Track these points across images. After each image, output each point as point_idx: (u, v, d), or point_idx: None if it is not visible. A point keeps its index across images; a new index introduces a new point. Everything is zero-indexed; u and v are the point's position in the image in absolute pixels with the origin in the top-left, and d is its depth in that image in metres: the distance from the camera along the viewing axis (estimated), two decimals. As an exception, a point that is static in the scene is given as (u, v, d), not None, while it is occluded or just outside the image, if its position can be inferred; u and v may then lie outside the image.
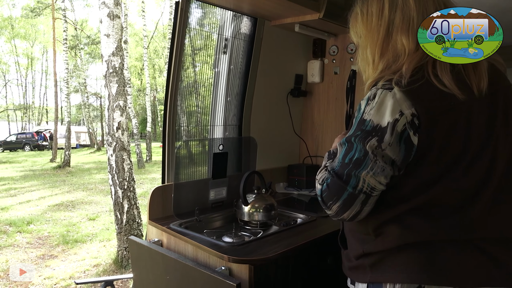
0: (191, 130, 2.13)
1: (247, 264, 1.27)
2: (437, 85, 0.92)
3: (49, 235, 5.43)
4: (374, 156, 0.93)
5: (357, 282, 1.07)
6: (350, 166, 0.95)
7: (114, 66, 4.27)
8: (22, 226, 5.75)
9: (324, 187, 1.00)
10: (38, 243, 5.11)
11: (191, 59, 2.12)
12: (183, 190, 1.78)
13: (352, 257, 1.08)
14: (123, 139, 4.27)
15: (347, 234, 1.13)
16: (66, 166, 12.89)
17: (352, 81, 2.27)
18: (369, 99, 0.95)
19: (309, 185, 2.35)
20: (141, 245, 1.62)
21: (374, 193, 0.95)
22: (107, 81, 4.29)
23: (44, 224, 6.03)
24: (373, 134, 0.93)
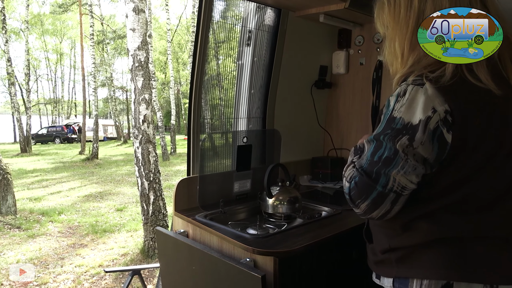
0: (214, 122, 2.14)
1: (272, 256, 1.27)
2: (472, 80, 0.88)
3: (79, 225, 5.63)
4: (405, 155, 0.90)
5: (382, 276, 1.06)
6: (379, 165, 0.92)
7: (139, 60, 4.34)
8: (54, 216, 5.97)
9: (352, 185, 0.97)
10: (68, 232, 5.30)
11: (214, 52, 2.12)
12: (208, 182, 1.80)
13: (378, 252, 1.07)
14: (148, 131, 4.35)
15: (372, 228, 1.12)
16: (94, 158, 13.27)
17: (378, 72, 2.22)
18: (399, 96, 0.92)
19: (334, 178, 2.33)
20: (167, 235, 1.65)
21: (404, 192, 0.93)
22: (133, 75, 4.37)
23: (74, 214, 6.24)
24: (404, 132, 0.90)
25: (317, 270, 1.43)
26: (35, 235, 5.10)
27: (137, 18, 4.34)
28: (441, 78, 0.89)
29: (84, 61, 16.68)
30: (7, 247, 4.64)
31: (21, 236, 5.06)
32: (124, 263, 4.15)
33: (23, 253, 4.45)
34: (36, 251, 4.51)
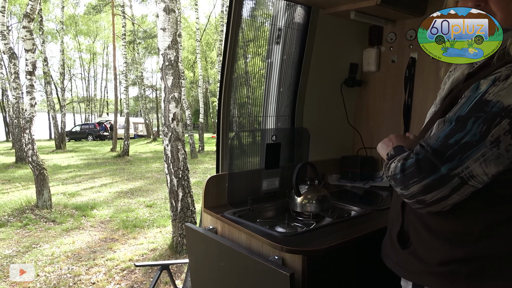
0: (242, 121, 2.15)
1: (301, 255, 1.27)
2: None
3: (110, 220, 5.80)
4: (495, 142, 0.81)
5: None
6: (455, 148, 0.83)
7: (169, 59, 4.42)
8: (87, 211, 6.18)
9: (410, 162, 0.87)
10: (100, 227, 5.47)
11: (243, 51, 2.13)
12: (237, 180, 1.81)
13: (431, 260, 0.96)
14: (178, 129, 4.42)
15: (420, 230, 1.00)
16: (125, 155, 13.64)
17: (411, 70, 2.17)
18: (497, 80, 0.83)
19: (363, 177, 2.29)
20: (196, 232, 1.68)
21: (471, 182, 0.83)
22: (163, 74, 4.45)
23: (106, 209, 6.43)
24: (503, 115, 0.80)
25: (346, 270, 1.41)
26: (69, 229, 5.30)
27: (167, 18, 4.41)
28: None
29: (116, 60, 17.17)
30: (43, 239, 4.84)
31: (55, 229, 5.27)
32: (153, 258, 4.24)
33: (58, 245, 4.62)
34: (70, 244, 4.69)
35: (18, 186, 8.25)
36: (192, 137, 13.50)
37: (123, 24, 14.39)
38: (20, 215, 5.71)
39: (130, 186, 8.48)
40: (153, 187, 8.43)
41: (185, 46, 24.54)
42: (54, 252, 4.40)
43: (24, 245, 4.62)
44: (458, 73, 1.02)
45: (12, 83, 9.03)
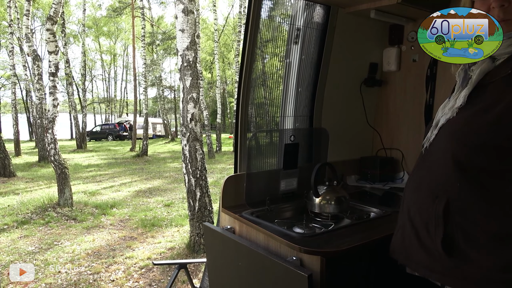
0: (259, 121, 2.15)
1: (319, 256, 1.26)
2: None
3: (129, 218, 5.88)
4: None
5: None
6: None
7: (188, 60, 4.45)
8: (106, 209, 6.29)
9: None
10: (120, 225, 5.56)
11: (260, 51, 2.13)
12: (255, 180, 1.81)
13: (492, 267, 0.91)
14: (196, 130, 4.46)
15: (472, 234, 0.93)
16: (144, 155, 13.84)
17: (432, 69, 2.12)
18: None
19: (383, 179, 2.26)
20: (215, 231, 1.68)
21: None
22: (182, 75, 4.49)
23: (125, 208, 6.54)
24: None
25: (365, 273, 1.39)
26: (89, 227, 5.40)
27: (186, 19, 4.45)
28: None
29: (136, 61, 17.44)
30: (64, 237, 4.95)
31: (76, 227, 5.38)
32: (171, 257, 4.28)
33: (78, 243, 4.72)
34: (90, 242, 4.78)
35: (41, 184, 8.46)
36: (210, 137, 13.60)
37: (142, 26, 14.61)
38: (43, 213, 5.86)
39: (148, 186, 8.59)
40: (171, 186, 8.52)
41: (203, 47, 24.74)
42: (74, 250, 4.49)
43: (46, 242, 4.73)
44: (484, 66, 0.98)
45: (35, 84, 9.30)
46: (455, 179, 0.97)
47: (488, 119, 0.92)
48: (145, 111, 15.26)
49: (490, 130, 0.91)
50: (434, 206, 1.00)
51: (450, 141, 1.00)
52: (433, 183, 1.02)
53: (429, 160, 1.07)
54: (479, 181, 0.94)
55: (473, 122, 0.95)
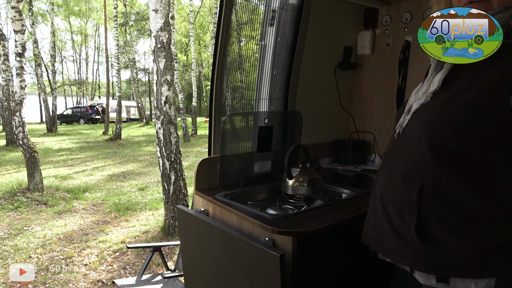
0: (235, 105, 2.13)
1: (291, 236, 1.27)
2: None
3: (103, 203, 5.79)
4: None
5: (471, 278, 0.92)
6: None
7: (162, 41, 4.34)
8: (79, 194, 6.16)
9: None
10: (92, 210, 5.46)
11: (237, 34, 2.09)
12: (229, 163, 1.81)
13: (464, 251, 0.92)
14: (170, 113, 4.39)
15: (446, 219, 0.94)
16: (117, 138, 13.57)
17: (405, 53, 2.16)
18: None
19: (355, 161, 2.30)
20: (188, 214, 1.68)
21: None
22: (156, 56, 4.38)
23: (98, 192, 6.42)
24: None
25: (336, 252, 1.42)
26: (61, 212, 5.28)
27: (159, -1, 4.32)
28: None
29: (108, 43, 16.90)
30: (35, 222, 4.82)
31: (47, 212, 5.25)
32: (145, 240, 4.26)
33: (50, 228, 4.61)
34: (61, 227, 4.68)
35: (9, 169, 8.17)
36: (185, 121, 13.44)
37: (114, 6, 14.10)
38: (12, 198, 5.68)
39: (122, 169, 8.45)
40: (145, 170, 8.42)
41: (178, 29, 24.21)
42: (46, 234, 4.39)
43: (16, 227, 4.60)
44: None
45: (1, 65, 8.86)
46: (430, 164, 0.96)
47: (464, 103, 0.91)
48: (118, 93, 14.88)
49: (466, 114, 0.91)
50: (408, 192, 0.99)
51: (425, 126, 0.98)
52: (407, 169, 1.01)
53: (402, 145, 1.06)
54: (454, 165, 0.93)
55: (448, 106, 0.94)
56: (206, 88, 26.92)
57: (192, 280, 1.77)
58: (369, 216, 1.16)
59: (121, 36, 20.14)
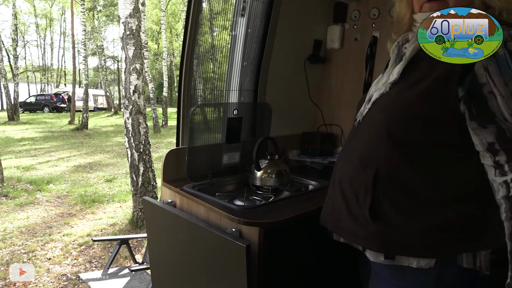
0: (207, 96, 2.12)
1: (257, 227, 1.28)
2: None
3: (68, 195, 5.62)
4: None
5: (417, 257, 1.00)
6: None
7: (131, 28, 4.23)
8: (42, 185, 5.94)
9: None
10: (57, 202, 5.29)
11: (209, 24, 2.07)
12: (197, 154, 1.79)
13: (412, 230, 0.99)
14: (139, 102, 4.29)
15: (399, 201, 1.00)
16: (84, 128, 13.15)
17: (372, 48, 2.20)
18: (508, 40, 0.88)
19: (323, 153, 2.34)
20: (155, 205, 1.65)
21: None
22: (124, 44, 4.27)
23: (63, 184, 6.22)
24: None
25: (302, 242, 1.45)
26: (23, 204, 5.09)
27: (128, -16, 4.20)
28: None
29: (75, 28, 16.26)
30: (-5, 214, 4.63)
31: (8, 204, 5.04)
32: (113, 233, 4.17)
33: (10, 221, 4.44)
34: (23, 220, 4.51)
35: (-34, 158, 7.77)
36: (156, 111, 13.20)
37: (81, -11, 13.55)
38: (-32, 189, 5.42)
39: (89, 160, 8.22)
40: (113, 161, 8.22)
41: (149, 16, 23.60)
42: (6, 228, 4.22)
43: (-27, 220, 4.40)
44: (416, 43, 1.03)
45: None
46: (385, 150, 1.01)
47: (418, 92, 0.96)
48: (85, 81, 14.39)
49: (420, 102, 0.96)
50: (365, 176, 1.04)
51: (383, 114, 1.03)
52: (364, 154, 1.06)
53: (361, 132, 1.11)
54: (407, 151, 0.99)
55: (405, 95, 0.99)
56: (178, 78, 26.46)
57: (159, 272, 1.76)
58: (328, 199, 1.21)
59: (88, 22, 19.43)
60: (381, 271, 1.07)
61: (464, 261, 0.98)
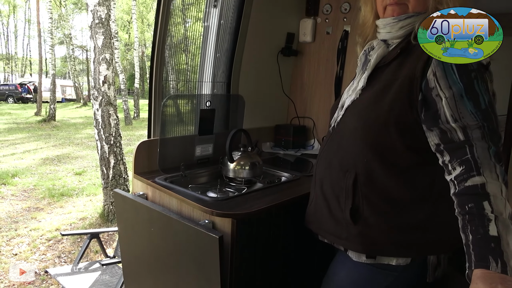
0: (180, 88, 2.09)
1: (230, 218, 1.29)
2: None
3: (35, 188, 5.43)
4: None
5: (396, 257, 1.06)
6: (490, 109, 0.92)
7: (100, 16, 4.11)
8: (7, 179, 5.72)
9: (494, 152, 0.89)
10: (23, 196, 5.11)
11: (182, 14, 2.04)
12: (169, 146, 1.78)
13: (388, 230, 1.05)
14: (109, 93, 4.19)
15: (375, 203, 1.06)
16: (52, 120, 12.69)
17: (344, 42, 2.23)
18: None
19: (296, 146, 2.37)
20: (126, 198, 1.63)
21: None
22: (93, 33, 4.14)
23: (30, 177, 6.01)
24: (481, 68, 0.94)
25: (274, 232, 1.47)
26: (-13, 198, 4.89)
27: (97, -29, 4.06)
28: None
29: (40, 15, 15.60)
30: (-45, 209, 4.43)
31: (-30, 198, 4.83)
32: (83, 227, 4.08)
33: (-27, 215, 4.26)
34: (-13, 214, 4.34)
35: None
36: (127, 103, 12.90)
37: (47, -25, 12.99)
38: None
39: (57, 153, 7.96)
40: (82, 154, 8.00)
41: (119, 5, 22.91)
42: (-32, 223, 4.05)
43: None
44: (380, 51, 1.09)
45: None
46: (363, 155, 1.06)
47: (387, 98, 1.01)
48: (53, 71, 13.85)
49: (389, 108, 1.00)
50: (345, 180, 1.09)
51: (357, 121, 1.08)
52: (343, 160, 1.11)
53: (338, 138, 1.15)
54: (381, 155, 1.04)
55: (374, 102, 1.04)
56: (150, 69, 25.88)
57: (131, 266, 1.74)
58: (310, 202, 1.28)
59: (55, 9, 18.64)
60: (365, 270, 1.12)
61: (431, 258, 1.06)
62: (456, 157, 0.89)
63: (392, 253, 1.06)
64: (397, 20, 1.05)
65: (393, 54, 1.05)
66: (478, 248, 0.77)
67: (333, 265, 1.22)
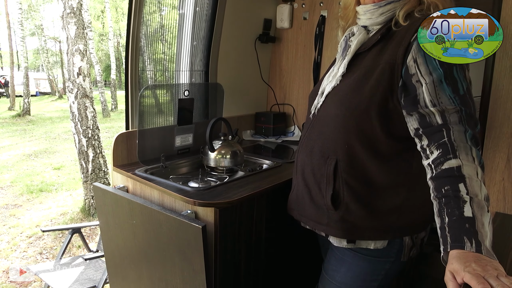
0: (158, 78, 2.06)
1: (213, 207, 1.29)
2: None
3: (12, 185, 5.30)
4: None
5: (377, 240, 1.09)
6: (468, 95, 0.94)
7: (71, 6, 3.97)
8: (-18, 176, 5.56)
9: (471, 136, 0.90)
10: (0, 193, 4.98)
11: (157, 2, 1.99)
12: (148, 137, 1.75)
13: (368, 215, 1.07)
14: (84, 85, 4.09)
15: (356, 189, 1.07)
16: (26, 114, 12.33)
17: (321, 28, 2.23)
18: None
19: (276, 133, 2.38)
20: (106, 191, 1.61)
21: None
22: (65, 23, 4.01)
23: (6, 174, 5.85)
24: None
25: (257, 220, 1.48)
26: (-39, 197, 4.75)
27: (66, -42, 3.92)
28: None
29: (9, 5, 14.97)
30: None
31: None
32: (64, 223, 4.02)
33: None
34: (-37, 213, 4.22)
35: None
36: (104, 95, 12.63)
37: (14, -37, 12.44)
38: None
39: (34, 148, 7.76)
40: (60, 148, 7.82)
41: (92, -6, 22.20)
42: None
43: None
44: (360, 37, 1.09)
45: None
46: (344, 142, 1.06)
47: (368, 84, 1.01)
48: (25, 64, 13.38)
49: (371, 94, 1.00)
50: (326, 167, 1.10)
51: (338, 108, 1.07)
52: (324, 146, 1.11)
53: (319, 125, 1.14)
54: (363, 142, 1.04)
55: (355, 88, 1.04)
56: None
57: (114, 259, 1.72)
58: (292, 190, 1.28)
59: (24, -1, 17.92)
60: (345, 255, 1.15)
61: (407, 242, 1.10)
62: (434, 141, 0.90)
63: (370, 237, 1.09)
64: (377, 6, 1.05)
65: (374, 40, 1.05)
66: (453, 230, 0.79)
67: (330, 262, 1.22)
